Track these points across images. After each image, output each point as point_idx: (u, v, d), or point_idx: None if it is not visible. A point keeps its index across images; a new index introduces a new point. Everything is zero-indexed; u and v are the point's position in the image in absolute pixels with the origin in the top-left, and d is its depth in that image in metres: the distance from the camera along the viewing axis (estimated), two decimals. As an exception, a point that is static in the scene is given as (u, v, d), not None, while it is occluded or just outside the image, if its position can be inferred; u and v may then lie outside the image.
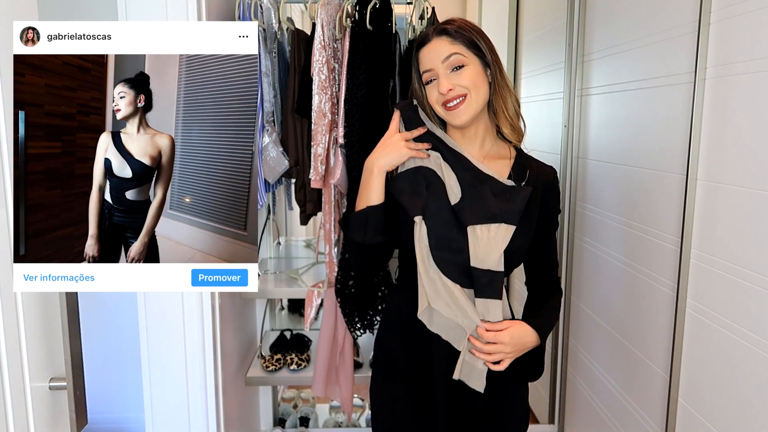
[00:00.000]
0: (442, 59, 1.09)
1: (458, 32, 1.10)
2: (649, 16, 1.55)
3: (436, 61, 1.10)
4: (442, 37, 1.10)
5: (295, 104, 1.76)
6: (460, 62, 1.09)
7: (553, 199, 1.20)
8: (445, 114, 1.12)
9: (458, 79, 1.09)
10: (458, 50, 1.09)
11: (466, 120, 1.11)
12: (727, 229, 1.23)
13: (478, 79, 1.10)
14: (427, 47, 1.12)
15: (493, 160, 1.17)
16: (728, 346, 1.23)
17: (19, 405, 0.76)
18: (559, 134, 2.12)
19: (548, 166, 1.22)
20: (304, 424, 2.43)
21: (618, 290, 1.75)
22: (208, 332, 1.52)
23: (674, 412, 1.43)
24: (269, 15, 1.76)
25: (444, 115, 1.13)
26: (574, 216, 2.07)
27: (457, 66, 1.09)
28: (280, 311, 2.52)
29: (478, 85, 1.10)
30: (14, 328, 0.76)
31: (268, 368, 2.03)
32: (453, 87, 1.08)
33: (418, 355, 1.19)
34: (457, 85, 1.09)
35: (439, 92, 1.10)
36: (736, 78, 1.20)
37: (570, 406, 2.18)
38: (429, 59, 1.11)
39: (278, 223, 2.38)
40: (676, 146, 1.40)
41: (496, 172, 1.15)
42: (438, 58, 1.09)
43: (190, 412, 1.54)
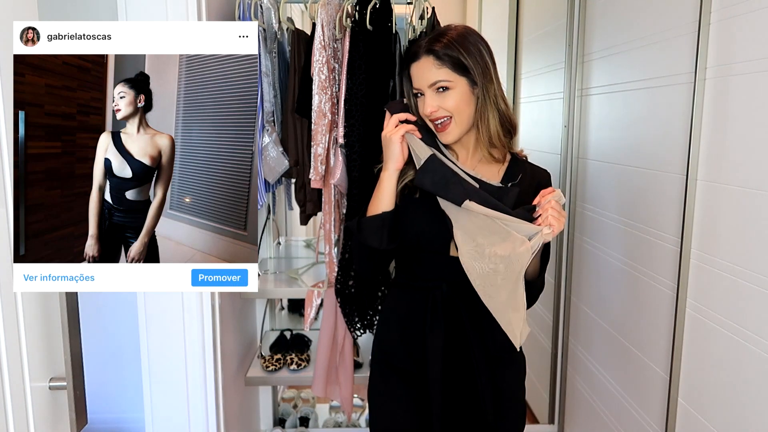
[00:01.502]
0: (428, 84, 1.12)
1: (445, 54, 1.10)
2: (649, 16, 1.55)
3: (422, 83, 1.13)
4: (429, 58, 1.11)
5: (295, 104, 1.76)
6: (446, 86, 1.11)
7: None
8: (433, 129, 1.16)
9: (442, 102, 1.11)
10: (443, 76, 1.10)
11: (453, 139, 1.14)
12: (727, 229, 1.23)
13: (462, 102, 1.11)
14: (415, 65, 1.14)
15: (485, 165, 1.20)
16: (728, 346, 1.23)
17: (19, 405, 0.76)
18: (559, 134, 2.12)
19: (542, 169, 1.23)
20: (304, 424, 2.43)
21: (618, 290, 1.75)
22: (208, 332, 1.52)
23: (674, 412, 1.43)
24: (269, 15, 1.76)
25: (433, 129, 1.16)
26: (574, 216, 2.07)
27: (442, 88, 1.11)
28: (280, 311, 2.52)
29: (462, 108, 1.12)
30: (14, 328, 0.76)
31: (268, 368, 2.03)
32: (437, 109, 1.11)
33: (416, 353, 1.20)
34: (441, 108, 1.11)
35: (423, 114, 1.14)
36: (736, 78, 1.20)
37: (570, 406, 2.18)
38: (417, 78, 1.14)
39: (278, 223, 2.38)
40: (676, 146, 1.40)
41: (488, 176, 1.17)
42: (424, 82, 1.12)
43: (190, 412, 1.54)
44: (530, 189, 1.16)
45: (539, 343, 2.35)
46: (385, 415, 1.27)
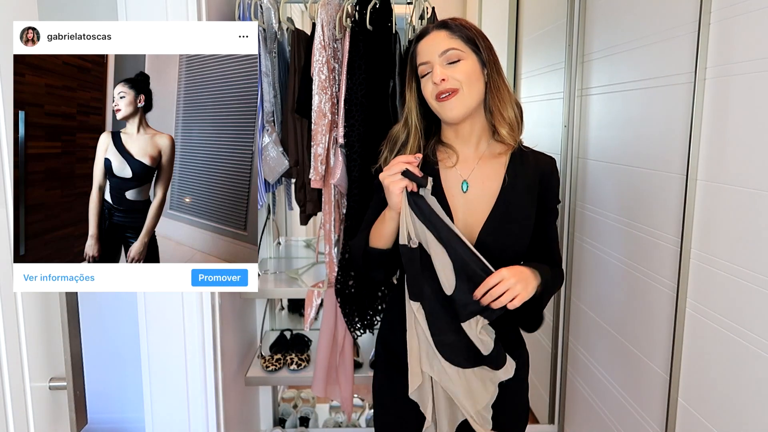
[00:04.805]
0: (439, 52, 1.09)
1: (458, 27, 1.11)
2: (649, 16, 1.55)
3: (433, 54, 1.10)
4: (441, 31, 1.11)
5: (295, 104, 1.76)
6: (457, 57, 1.09)
7: (551, 189, 1.20)
8: (438, 107, 1.12)
9: (452, 72, 1.09)
10: (456, 45, 1.09)
11: (457, 114, 1.11)
12: (727, 229, 1.23)
13: (473, 75, 1.10)
14: (425, 39, 1.12)
15: (488, 160, 1.18)
16: (728, 346, 1.23)
17: (19, 405, 0.76)
18: (559, 134, 2.12)
19: (547, 156, 1.21)
20: (304, 424, 2.42)
21: (618, 290, 1.75)
22: (208, 332, 1.51)
23: (674, 412, 1.43)
24: (269, 15, 1.76)
25: (437, 108, 1.12)
26: (574, 216, 2.07)
27: (453, 60, 1.09)
28: (280, 311, 2.52)
29: (473, 81, 1.10)
30: (14, 328, 0.76)
31: (268, 368, 2.03)
32: (446, 78, 1.08)
33: None
34: (451, 77, 1.09)
35: (433, 82, 1.10)
36: (736, 78, 1.20)
37: (570, 406, 2.18)
38: (426, 51, 1.11)
39: (278, 223, 2.38)
40: (676, 146, 1.40)
41: (490, 173, 1.15)
42: (435, 51, 1.10)
43: (190, 412, 1.54)
44: (534, 181, 1.16)
45: (539, 343, 2.35)
46: (390, 414, 1.27)
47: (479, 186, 1.16)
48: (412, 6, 1.77)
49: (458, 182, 1.16)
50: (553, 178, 1.20)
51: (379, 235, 1.14)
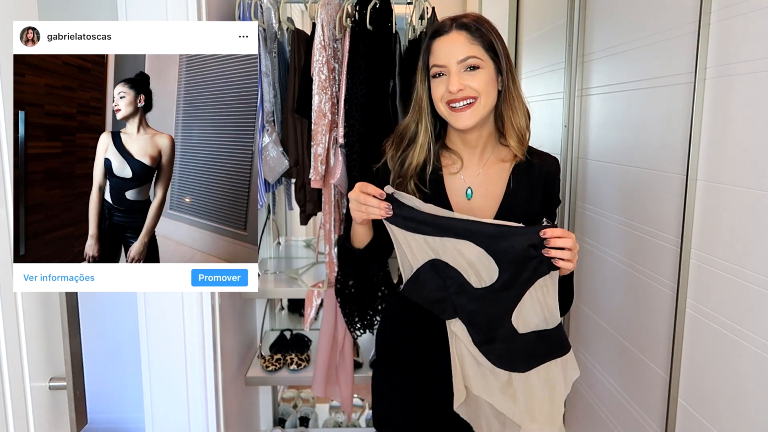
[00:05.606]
0: (459, 59, 1.04)
1: (478, 30, 1.05)
2: (649, 16, 1.55)
3: (450, 59, 1.04)
4: (461, 32, 1.05)
5: (295, 104, 1.76)
6: (477, 64, 1.05)
7: (555, 189, 1.20)
8: (448, 114, 1.08)
9: (470, 81, 1.04)
10: (475, 53, 1.04)
11: (469, 125, 1.07)
12: (727, 229, 1.23)
13: (490, 85, 1.06)
14: (443, 39, 1.06)
15: (492, 165, 1.16)
16: (728, 346, 1.23)
17: (19, 405, 0.76)
18: (559, 134, 2.12)
19: (552, 156, 1.20)
20: (303, 424, 2.43)
21: (618, 290, 1.75)
22: (208, 332, 1.52)
23: (674, 412, 1.42)
24: (269, 15, 1.76)
25: (447, 114, 1.08)
26: (574, 216, 2.07)
27: (472, 67, 1.05)
28: (280, 311, 2.52)
29: (489, 91, 1.06)
30: (14, 328, 0.76)
31: (268, 368, 2.03)
32: (464, 87, 1.04)
33: (423, 351, 1.19)
34: (469, 87, 1.04)
35: (448, 90, 1.04)
36: (736, 78, 1.20)
37: (570, 406, 2.18)
38: (444, 54, 1.05)
39: (278, 223, 2.38)
40: (676, 146, 1.40)
41: (495, 177, 1.14)
42: (454, 57, 1.04)
43: (189, 412, 1.54)
44: (539, 184, 1.15)
45: (539, 343, 2.35)
46: (390, 411, 1.27)
47: (483, 192, 1.15)
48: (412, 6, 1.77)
49: (463, 189, 1.15)
50: (557, 177, 1.20)
51: (353, 234, 1.14)
